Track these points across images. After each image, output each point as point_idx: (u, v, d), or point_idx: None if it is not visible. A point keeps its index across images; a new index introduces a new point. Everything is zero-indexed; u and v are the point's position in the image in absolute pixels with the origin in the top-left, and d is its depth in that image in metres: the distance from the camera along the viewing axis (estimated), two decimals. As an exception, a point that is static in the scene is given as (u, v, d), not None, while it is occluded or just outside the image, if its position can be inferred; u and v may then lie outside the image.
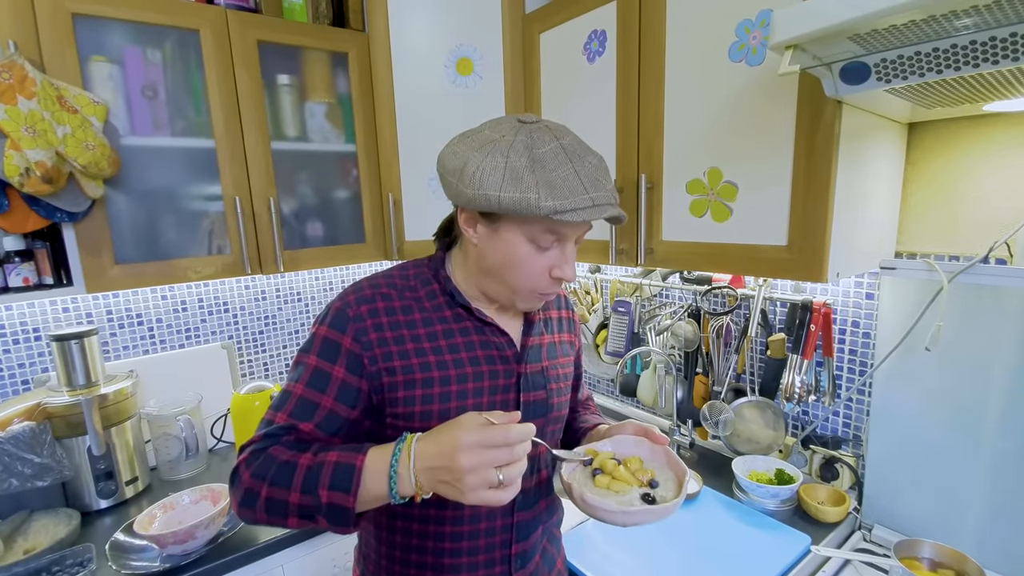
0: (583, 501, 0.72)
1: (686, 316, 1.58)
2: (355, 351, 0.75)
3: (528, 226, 0.71)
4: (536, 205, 0.66)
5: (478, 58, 1.61)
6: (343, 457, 0.67)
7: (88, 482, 1.35)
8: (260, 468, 0.69)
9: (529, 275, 0.75)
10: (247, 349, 1.86)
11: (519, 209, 0.67)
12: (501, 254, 0.74)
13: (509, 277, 0.76)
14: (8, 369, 1.46)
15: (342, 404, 0.75)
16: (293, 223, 1.60)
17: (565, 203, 0.66)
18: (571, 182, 0.67)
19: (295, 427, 0.73)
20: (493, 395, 0.80)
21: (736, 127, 1.09)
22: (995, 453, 1.06)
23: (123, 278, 1.33)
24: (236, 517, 1.25)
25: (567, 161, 0.68)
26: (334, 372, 0.74)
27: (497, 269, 0.76)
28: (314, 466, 0.67)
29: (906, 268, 1.13)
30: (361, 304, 0.77)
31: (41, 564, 1.11)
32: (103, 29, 1.26)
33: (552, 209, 0.66)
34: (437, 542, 0.81)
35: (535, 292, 0.77)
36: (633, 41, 1.24)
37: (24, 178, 1.11)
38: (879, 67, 0.75)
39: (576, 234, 0.75)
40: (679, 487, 0.75)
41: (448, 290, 0.81)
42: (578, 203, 0.67)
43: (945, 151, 1.13)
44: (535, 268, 0.74)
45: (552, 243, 0.73)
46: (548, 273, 0.75)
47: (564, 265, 0.75)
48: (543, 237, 0.72)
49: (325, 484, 0.65)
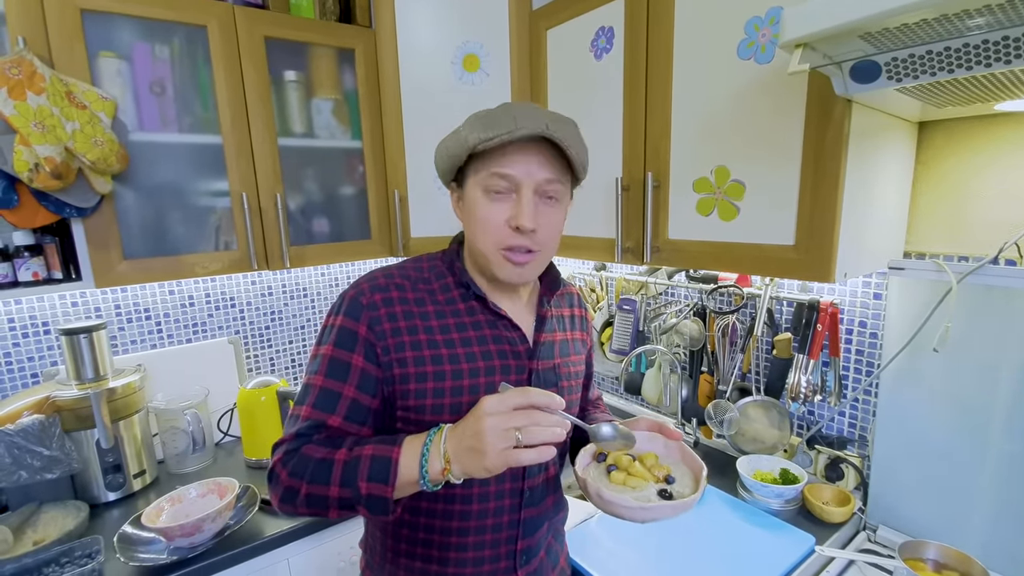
0: (600, 497, 0.72)
1: (691, 315, 1.58)
2: (370, 340, 0.75)
3: (478, 176, 0.75)
4: (464, 139, 0.72)
5: (484, 55, 1.60)
6: (379, 450, 0.68)
7: (96, 475, 1.36)
8: (297, 467, 0.70)
9: (490, 229, 0.76)
10: (253, 344, 1.87)
11: (455, 150, 0.74)
12: (470, 215, 0.78)
13: (477, 238, 0.77)
14: (17, 362, 1.47)
15: (363, 393, 0.75)
16: (299, 219, 1.60)
17: (489, 133, 0.70)
18: (501, 118, 0.71)
19: (324, 424, 0.74)
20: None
21: (744, 126, 1.08)
22: (1002, 455, 1.05)
23: (131, 273, 1.34)
24: (244, 511, 1.27)
25: (508, 109, 0.73)
26: (352, 360, 0.75)
27: (472, 236, 0.79)
28: (351, 460, 0.68)
29: (915, 268, 1.12)
30: (375, 293, 0.77)
31: (50, 555, 1.12)
32: (111, 25, 1.26)
33: (477, 140, 0.71)
34: (444, 536, 0.81)
35: (499, 247, 0.76)
36: (641, 38, 1.23)
37: (33, 173, 1.12)
38: (890, 66, 0.75)
39: (529, 179, 0.73)
40: (696, 482, 0.74)
41: (464, 281, 0.81)
42: (501, 131, 0.70)
43: (955, 151, 1.12)
44: (494, 220, 0.75)
45: (504, 189, 0.74)
46: (507, 225, 0.75)
47: (520, 214, 0.74)
48: (492, 182, 0.74)
49: (364, 476, 0.67)
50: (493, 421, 0.63)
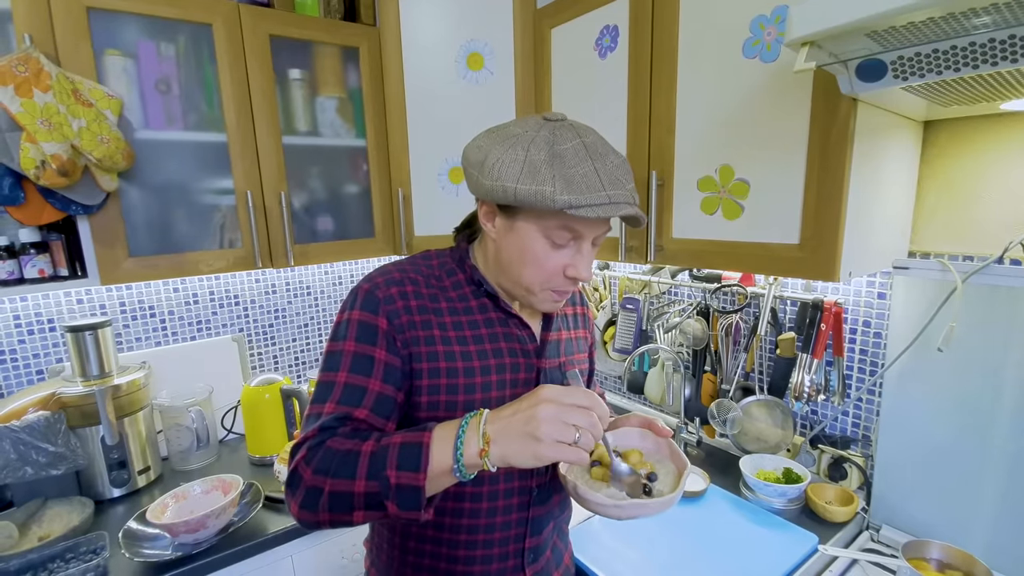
0: (576, 493, 0.71)
1: (695, 314, 1.57)
2: (391, 333, 0.74)
3: (544, 221, 0.71)
4: (551, 198, 0.66)
5: (488, 53, 1.60)
6: (408, 438, 0.65)
7: (101, 471, 1.37)
8: (321, 463, 0.66)
9: (543, 272, 0.74)
10: (257, 342, 1.88)
11: (534, 201, 0.66)
12: (517, 249, 0.74)
13: (524, 273, 0.75)
14: (23, 359, 1.48)
15: (389, 385, 0.73)
16: (303, 217, 1.60)
17: (581, 198, 0.66)
18: (589, 178, 0.67)
19: (349, 415, 0.70)
20: (515, 388, 0.80)
21: (749, 124, 1.08)
22: (1005, 455, 1.05)
23: (137, 270, 1.34)
24: (248, 508, 1.27)
25: (587, 158, 0.68)
26: (375, 354, 0.73)
27: (513, 265, 0.76)
28: (378, 450, 0.64)
29: (920, 268, 1.12)
30: (391, 287, 0.76)
31: (55, 551, 1.12)
32: (117, 23, 1.27)
33: (567, 203, 0.66)
34: (453, 534, 0.81)
35: (548, 290, 0.77)
36: (645, 37, 1.23)
37: (40, 171, 1.12)
38: (896, 64, 0.75)
39: (593, 233, 0.73)
40: (678, 481, 0.73)
41: (475, 279, 0.81)
42: (594, 199, 0.66)
43: (961, 150, 1.11)
44: (549, 265, 0.74)
45: (568, 241, 0.73)
46: (563, 272, 0.74)
47: (579, 264, 0.74)
48: (559, 234, 0.71)
49: (393, 465, 0.62)
50: (553, 410, 0.61)
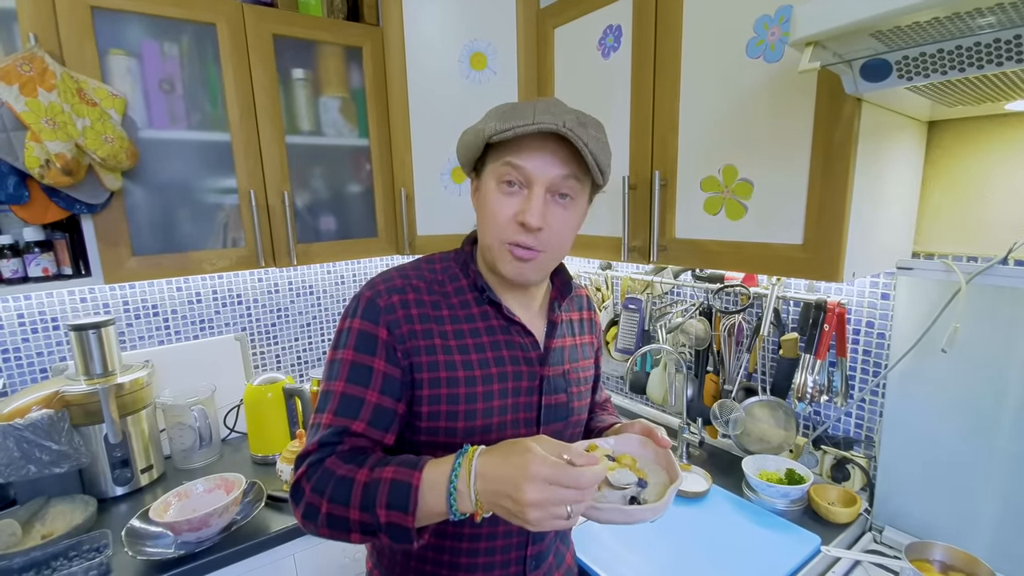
0: None
1: (697, 314, 1.57)
2: (391, 343, 0.73)
3: (494, 165, 0.75)
4: (481, 129, 0.72)
5: (492, 53, 1.60)
6: (399, 474, 0.64)
7: (104, 469, 1.37)
8: (319, 483, 0.67)
9: (497, 223, 0.75)
10: (260, 341, 1.88)
11: (473, 139, 0.74)
12: (482, 205, 0.78)
13: (486, 232, 0.77)
14: (27, 357, 1.49)
15: (387, 396, 0.73)
16: (306, 217, 1.61)
17: (506, 124, 0.70)
18: (521, 110, 0.71)
19: (347, 429, 0.71)
20: (517, 397, 0.79)
21: (752, 124, 1.08)
22: (1009, 456, 1.05)
23: (140, 269, 1.35)
24: (250, 507, 1.28)
25: (533, 102, 0.72)
26: (374, 364, 0.73)
27: (481, 228, 0.79)
28: (371, 483, 0.64)
29: (923, 268, 1.12)
30: (392, 294, 0.76)
31: (58, 549, 1.13)
32: (121, 23, 1.27)
33: (493, 130, 0.70)
34: (455, 542, 0.81)
35: (504, 242, 0.75)
36: (649, 37, 1.23)
37: (44, 169, 1.12)
38: (900, 64, 0.74)
39: (541, 175, 0.72)
40: (664, 491, 0.73)
41: (479, 285, 0.80)
42: (518, 123, 0.69)
43: (965, 150, 1.11)
44: (503, 214, 0.74)
45: (517, 182, 0.73)
46: (515, 220, 0.73)
47: (527, 211, 0.72)
48: (504, 171, 0.73)
49: (383, 503, 0.63)
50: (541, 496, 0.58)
